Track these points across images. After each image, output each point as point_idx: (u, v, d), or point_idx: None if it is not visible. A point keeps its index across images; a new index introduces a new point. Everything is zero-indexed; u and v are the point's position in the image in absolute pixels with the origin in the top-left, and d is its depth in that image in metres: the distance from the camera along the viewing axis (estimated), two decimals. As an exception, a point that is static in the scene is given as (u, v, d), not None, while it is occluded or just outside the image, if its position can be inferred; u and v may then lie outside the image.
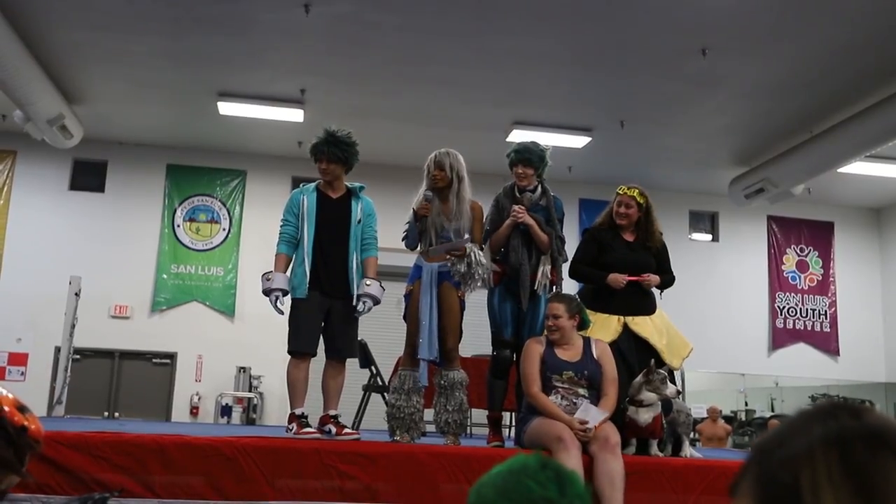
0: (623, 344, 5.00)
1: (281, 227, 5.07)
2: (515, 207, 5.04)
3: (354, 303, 4.93)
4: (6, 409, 1.67)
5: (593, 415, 4.36)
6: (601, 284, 5.15)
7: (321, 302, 4.91)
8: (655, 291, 5.38)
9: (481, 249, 4.99)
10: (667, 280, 5.35)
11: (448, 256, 4.79)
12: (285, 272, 5.00)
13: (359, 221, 5.07)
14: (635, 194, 5.28)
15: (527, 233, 5.08)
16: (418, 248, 5.02)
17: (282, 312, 4.98)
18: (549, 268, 5.11)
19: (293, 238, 5.02)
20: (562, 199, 5.35)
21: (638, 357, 5.00)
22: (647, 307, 5.25)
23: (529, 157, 5.12)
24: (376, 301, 5.00)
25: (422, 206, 4.86)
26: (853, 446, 0.87)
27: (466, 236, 4.86)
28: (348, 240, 5.03)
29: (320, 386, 5.01)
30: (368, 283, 4.97)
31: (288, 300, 5.01)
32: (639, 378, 4.68)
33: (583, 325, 4.73)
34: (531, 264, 5.08)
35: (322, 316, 4.95)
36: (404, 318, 5.00)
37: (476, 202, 5.06)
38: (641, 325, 5.11)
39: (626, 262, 5.19)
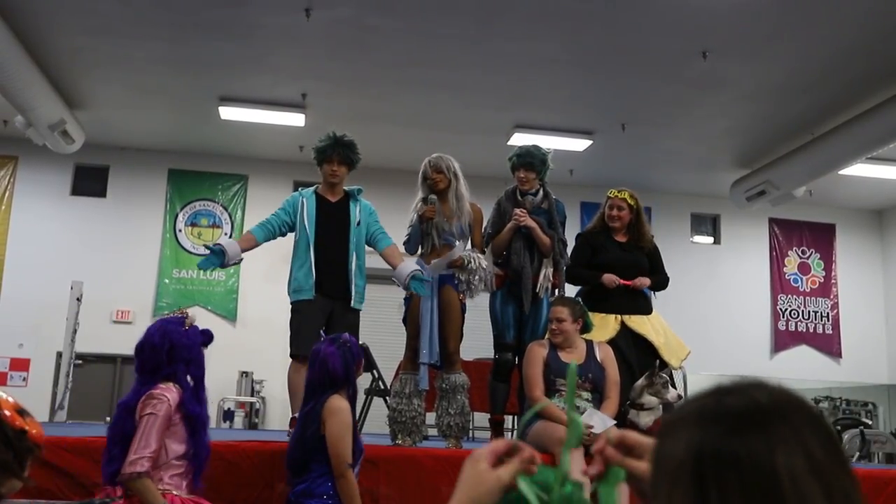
0: (622, 342, 5.02)
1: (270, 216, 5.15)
2: (517, 210, 5.05)
3: (406, 286, 4.79)
4: (6, 412, 1.67)
5: (598, 420, 4.36)
6: (596, 284, 5.18)
7: (322, 305, 4.92)
8: (650, 293, 5.41)
9: (482, 252, 5.02)
10: (660, 280, 5.39)
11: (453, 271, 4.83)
12: (240, 247, 5.03)
13: (358, 224, 5.08)
14: (626, 197, 5.34)
15: (529, 236, 5.09)
16: (418, 252, 5.03)
17: (202, 269, 4.88)
18: (551, 270, 5.14)
19: (272, 226, 5.07)
20: (563, 203, 5.37)
21: (637, 354, 5.01)
22: (644, 308, 5.28)
23: (531, 161, 5.15)
24: (422, 268, 4.81)
25: (428, 210, 4.88)
26: (702, 456, 0.83)
27: (458, 243, 4.88)
28: (348, 243, 5.04)
29: (322, 390, 5.01)
30: (408, 262, 4.86)
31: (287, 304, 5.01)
32: (641, 381, 4.68)
33: (585, 328, 4.74)
34: (533, 267, 5.10)
35: (323, 319, 4.95)
36: (403, 321, 5.00)
37: (475, 204, 5.09)
38: (639, 324, 5.14)
39: (620, 262, 5.22)
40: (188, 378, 3.28)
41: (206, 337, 3.43)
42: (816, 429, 0.84)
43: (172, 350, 3.24)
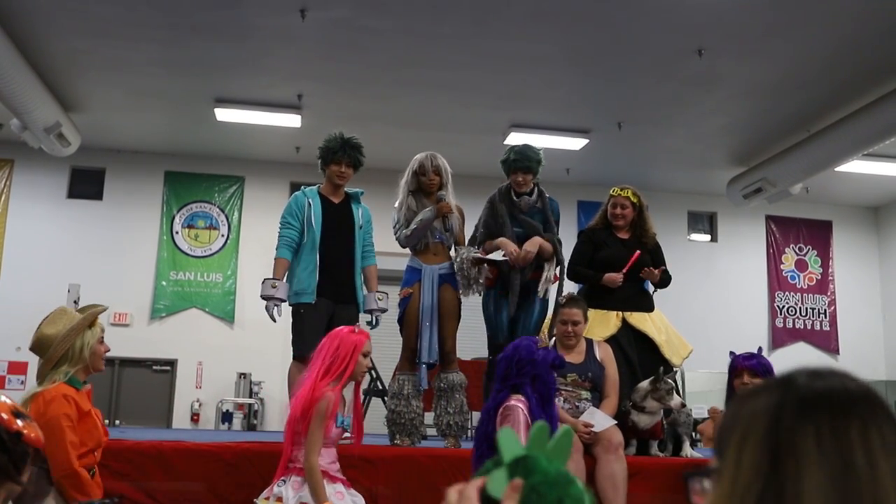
0: (623, 339, 5.01)
1: (281, 229, 5.01)
2: (512, 254, 4.88)
3: (364, 313, 5.08)
4: (2, 415, 1.65)
5: (599, 419, 4.35)
6: (597, 284, 5.17)
7: (326, 307, 4.90)
8: (651, 291, 5.40)
9: (477, 247, 5.01)
10: (663, 278, 5.36)
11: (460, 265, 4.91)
12: (284, 278, 4.99)
13: (360, 227, 5.07)
14: (629, 194, 5.32)
15: (522, 237, 5.05)
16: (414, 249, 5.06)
17: (274, 320, 4.96)
18: (552, 273, 5.08)
19: (294, 242, 4.97)
20: (558, 202, 5.33)
21: (638, 352, 5.00)
22: (646, 305, 5.27)
23: (529, 164, 5.06)
24: (383, 311, 5.19)
25: (445, 206, 4.89)
26: (782, 414, 0.87)
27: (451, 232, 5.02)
28: (353, 245, 5.01)
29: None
30: (380, 297, 5.10)
31: (286, 306, 5.00)
32: (645, 384, 4.64)
33: (585, 326, 4.74)
34: (529, 270, 5.04)
35: (326, 321, 4.93)
36: (399, 321, 4.98)
37: (459, 206, 5.08)
38: (640, 321, 5.13)
39: (623, 259, 5.21)
40: (531, 391, 3.50)
41: (556, 360, 3.66)
42: (887, 414, 0.90)
43: (520, 363, 3.53)
